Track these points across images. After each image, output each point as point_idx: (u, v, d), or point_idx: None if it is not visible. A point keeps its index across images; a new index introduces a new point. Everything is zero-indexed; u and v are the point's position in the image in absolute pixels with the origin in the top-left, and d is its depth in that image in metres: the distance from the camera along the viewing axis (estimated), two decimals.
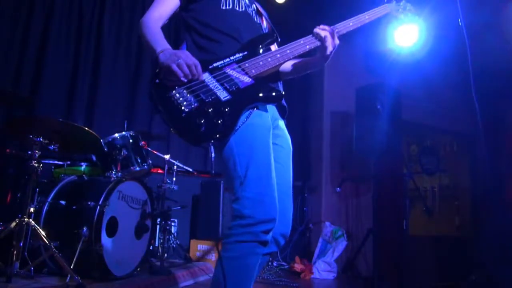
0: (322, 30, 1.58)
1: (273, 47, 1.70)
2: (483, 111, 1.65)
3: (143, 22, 1.54)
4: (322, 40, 1.58)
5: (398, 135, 4.01)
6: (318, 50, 1.63)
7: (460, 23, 1.65)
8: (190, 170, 3.75)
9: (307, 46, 1.60)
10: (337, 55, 1.64)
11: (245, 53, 1.54)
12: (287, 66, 1.71)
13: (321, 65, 1.68)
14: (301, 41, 1.61)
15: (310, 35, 1.62)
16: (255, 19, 1.70)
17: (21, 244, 2.19)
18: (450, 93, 5.32)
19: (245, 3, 1.68)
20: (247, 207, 1.34)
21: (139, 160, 3.09)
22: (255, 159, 1.39)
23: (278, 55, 1.55)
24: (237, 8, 1.63)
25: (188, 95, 1.38)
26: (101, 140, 2.81)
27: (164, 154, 3.48)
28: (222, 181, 3.90)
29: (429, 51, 4.35)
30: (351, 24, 1.68)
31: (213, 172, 1.43)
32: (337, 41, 1.60)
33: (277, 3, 4.14)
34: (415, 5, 1.89)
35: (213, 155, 1.39)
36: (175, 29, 4.41)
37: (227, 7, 1.61)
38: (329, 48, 1.59)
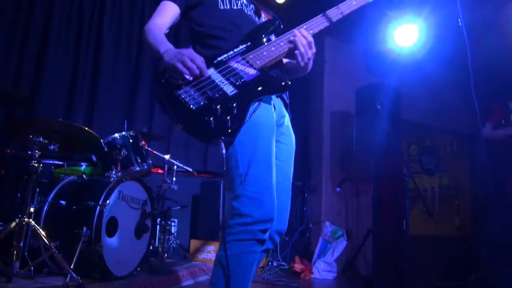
0: (301, 38, 1.53)
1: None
2: (483, 111, 1.64)
3: (146, 29, 1.56)
4: (297, 47, 1.54)
5: (398, 135, 4.01)
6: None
7: (460, 23, 1.65)
8: (190, 170, 3.75)
9: (310, 31, 1.59)
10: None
11: (248, 43, 1.54)
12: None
13: (300, 74, 1.68)
14: (304, 26, 1.60)
15: (310, 20, 1.61)
16: (254, 17, 1.72)
17: (21, 244, 2.19)
18: (450, 93, 5.32)
19: (243, 2, 1.70)
20: (246, 206, 1.35)
21: (139, 160, 3.09)
22: (257, 158, 1.40)
23: (282, 43, 1.55)
24: (234, 7, 1.66)
25: (195, 93, 1.38)
26: (101, 140, 2.81)
27: (164, 154, 3.49)
28: (222, 181, 3.90)
29: (429, 51, 4.35)
30: (354, 3, 1.66)
31: (224, 168, 1.43)
32: (313, 50, 1.55)
33: (277, 3, 4.14)
34: (415, 5, 1.88)
35: (224, 151, 1.40)
36: (174, 35, 4.40)
37: (225, 7, 1.64)
38: (302, 59, 1.55)
